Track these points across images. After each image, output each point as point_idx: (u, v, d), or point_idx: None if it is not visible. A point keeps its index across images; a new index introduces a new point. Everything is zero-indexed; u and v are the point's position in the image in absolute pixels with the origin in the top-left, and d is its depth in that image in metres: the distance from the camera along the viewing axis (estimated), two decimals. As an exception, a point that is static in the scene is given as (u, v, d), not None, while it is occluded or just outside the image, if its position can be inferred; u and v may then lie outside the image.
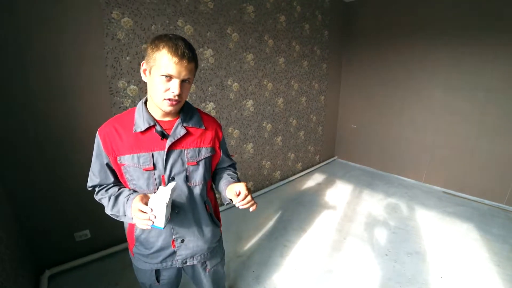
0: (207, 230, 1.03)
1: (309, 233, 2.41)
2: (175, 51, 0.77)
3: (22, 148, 1.60)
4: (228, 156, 1.12)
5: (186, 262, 1.02)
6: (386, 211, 2.83)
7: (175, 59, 0.77)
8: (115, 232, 2.00)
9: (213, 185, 1.13)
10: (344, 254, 2.14)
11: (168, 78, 0.79)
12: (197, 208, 0.99)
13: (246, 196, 0.88)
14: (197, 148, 0.95)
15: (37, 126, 1.62)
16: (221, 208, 2.74)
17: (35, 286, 1.63)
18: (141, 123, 0.88)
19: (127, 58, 1.88)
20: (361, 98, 4.05)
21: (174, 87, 0.80)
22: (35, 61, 1.54)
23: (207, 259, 1.09)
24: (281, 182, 3.53)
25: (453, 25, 3.00)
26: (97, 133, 0.90)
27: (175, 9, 2.05)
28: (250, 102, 2.92)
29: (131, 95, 1.95)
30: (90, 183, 0.96)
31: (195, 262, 1.04)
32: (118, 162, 0.89)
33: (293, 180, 3.68)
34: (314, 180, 3.70)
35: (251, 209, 0.90)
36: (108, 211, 0.91)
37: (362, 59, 3.91)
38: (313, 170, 4.05)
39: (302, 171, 3.92)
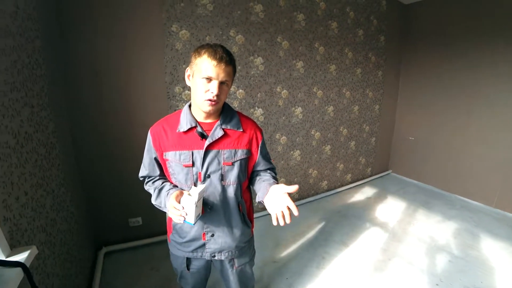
0: (237, 229, 1.06)
1: (351, 248, 2.25)
2: (214, 55, 0.85)
3: (92, 143, 1.91)
4: (267, 159, 1.12)
5: (214, 256, 1.07)
6: (443, 235, 2.47)
7: (214, 62, 0.85)
8: (162, 223, 2.20)
9: (250, 186, 1.15)
10: (386, 276, 1.93)
11: (208, 80, 0.87)
12: (229, 207, 1.03)
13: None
14: (233, 150, 0.99)
15: (105, 124, 1.91)
16: (260, 213, 2.78)
17: (94, 259, 1.91)
18: (184, 124, 0.97)
19: (183, 66, 2.08)
20: (421, 107, 3.65)
21: (213, 88, 0.87)
22: (108, 68, 1.84)
23: (235, 257, 1.12)
24: (328, 193, 3.39)
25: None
26: (149, 131, 1.02)
27: (227, 21, 2.20)
28: (299, 109, 2.91)
29: (185, 99, 2.15)
30: (140, 173, 1.10)
31: (222, 257, 1.08)
32: (164, 157, 1.00)
33: (340, 191, 3.50)
34: (364, 193, 3.45)
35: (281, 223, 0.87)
36: (153, 201, 1.02)
37: (423, 64, 3.54)
38: (364, 183, 3.79)
39: (351, 183, 3.70)
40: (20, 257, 0.93)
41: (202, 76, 0.87)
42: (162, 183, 1.03)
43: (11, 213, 0.99)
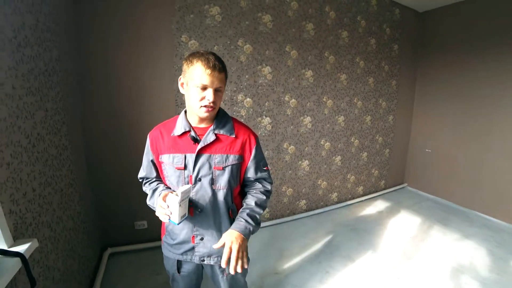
0: None
1: (357, 264, 2.15)
2: (207, 64, 0.88)
3: (103, 147, 2.01)
4: (259, 167, 1.10)
5: (203, 260, 1.08)
6: (459, 255, 2.29)
7: (208, 71, 0.88)
8: (167, 227, 2.25)
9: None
10: (395, 296, 1.83)
11: (203, 88, 0.90)
12: (219, 211, 1.04)
13: (228, 257, 0.85)
14: (225, 155, 1.01)
15: (115, 130, 2.02)
16: (266, 223, 2.75)
17: (99, 258, 1.98)
18: (179, 128, 1.01)
19: (192, 74, 2.16)
20: (438, 118, 3.49)
21: (209, 95, 0.91)
22: (120, 76, 1.96)
23: None
24: (338, 205, 3.30)
25: None
26: (148, 135, 1.08)
27: (236, 31, 2.27)
28: (308, 119, 2.89)
29: (193, 106, 2.22)
30: (139, 175, 1.15)
31: (211, 262, 1.08)
32: (159, 160, 1.04)
33: (351, 204, 3.39)
34: (376, 207, 3.32)
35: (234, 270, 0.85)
36: (147, 201, 1.06)
37: (440, 73, 3.41)
38: (376, 196, 3.64)
39: (363, 195, 3.58)
40: (21, 248, 0.98)
41: (197, 85, 0.90)
42: (157, 184, 1.07)
43: (17, 207, 1.06)
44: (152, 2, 1.95)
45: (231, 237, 0.90)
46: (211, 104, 0.92)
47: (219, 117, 1.04)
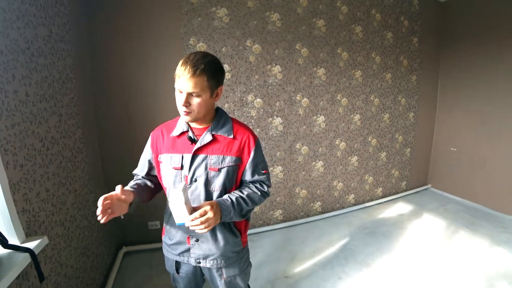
0: (221, 237, 1.04)
1: (373, 270, 2.04)
2: (181, 66, 0.86)
3: (117, 149, 2.10)
4: (256, 170, 1.06)
5: (199, 262, 1.07)
6: (488, 263, 2.09)
7: (179, 73, 0.86)
8: (179, 227, 2.30)
9: None
10: (412, 305, 1.71)
11: (180, 91, 0.90)
12: None
13: (196, 218, 0.84)
14: (222, 156, 0.99)
15: (129, 133, 2.09)
16: (278, 226, 2.72)
17: (113, 256, 2.06)
18: (177, 129, 1.02)
19: (200, 77, 2.19)
20: (464, 114, 3.24)
21: (180, 100, 0.90)
22: (132, 81, 2.04)
23: (222, 266, 1.09)
24: (355, 207, 3.18)
25: None
26: (150, 134, 1.10)
27: (243, 31, 2.27)
28: (321, 118, 2.82)
29: (203, 108, 2.25)
30: (134, 171, 1.19)
31: (207, 265, 1.07)
32: (158, 159, 1.05)
33: (369, 206, 3.24)
34: (396, 209, 3.15)
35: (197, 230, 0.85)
36: None
37: (466, 66, 3.17)
38: (397, 198, 3.46)
39: (382, 197, 3.41)
40: (31, 244, 1.04)
41: (175, 87, 0.90)
42: (135, 182, 1.09)
43: (30, 206, 1.13)
44: (160, 9, 2.01)
45: (210, 205, 0.88)
46: (184, 109, 0.90)
47: (217, 117, 1.04)
